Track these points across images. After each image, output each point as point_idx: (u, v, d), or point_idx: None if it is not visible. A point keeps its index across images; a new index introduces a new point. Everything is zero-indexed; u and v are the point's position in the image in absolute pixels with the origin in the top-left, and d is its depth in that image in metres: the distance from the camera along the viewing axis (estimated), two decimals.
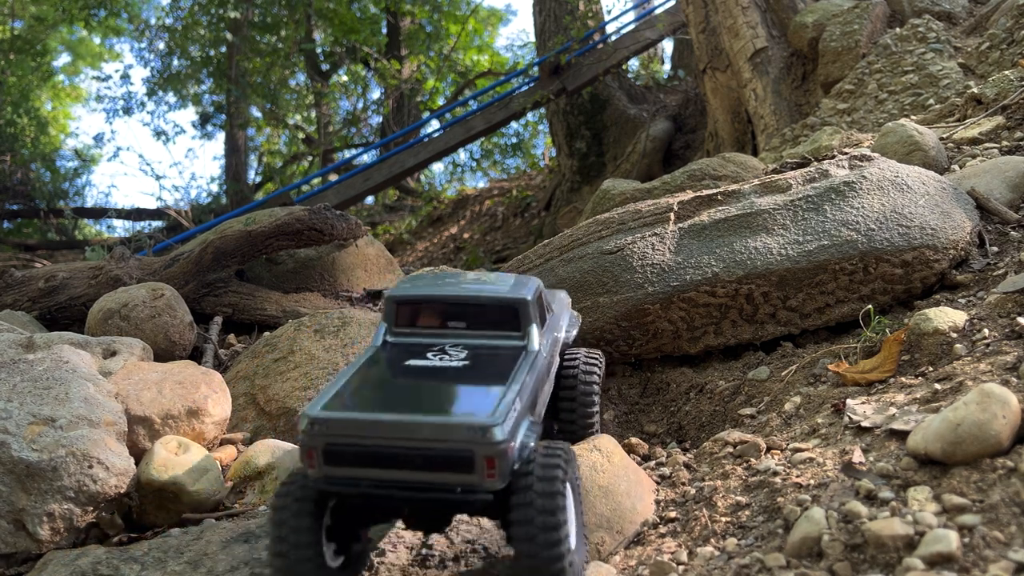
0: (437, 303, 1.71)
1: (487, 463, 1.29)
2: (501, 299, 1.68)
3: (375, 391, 1.49)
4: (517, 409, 1.38)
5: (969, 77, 4.44)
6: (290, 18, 15.46)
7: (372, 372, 1.56)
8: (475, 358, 1.59)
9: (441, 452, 1.30)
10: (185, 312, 3.01)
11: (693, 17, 7.26)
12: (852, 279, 2.33)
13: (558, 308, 2.02)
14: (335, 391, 1.45)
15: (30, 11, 17.54)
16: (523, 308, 1.66)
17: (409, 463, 1.32)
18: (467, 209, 14.00)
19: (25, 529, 1.74)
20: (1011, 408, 1.41)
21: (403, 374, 1.56)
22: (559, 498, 1.30)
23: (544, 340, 1.72)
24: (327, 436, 1.34)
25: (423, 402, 1.46)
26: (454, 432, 1.30)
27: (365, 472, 1.35)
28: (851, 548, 1.33)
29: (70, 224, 16.70)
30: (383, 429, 1.32)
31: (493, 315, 1.67)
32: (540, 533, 1.28)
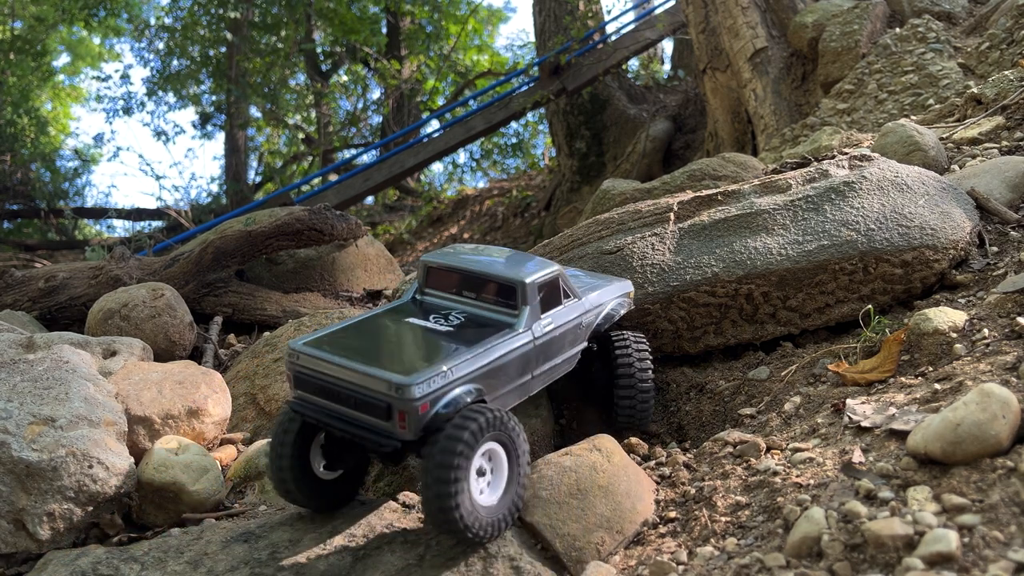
0: (457, 272, 1.96)
1: (400, 416, 1.54)
2: (503, 278, 1.89)
3: (354, 338, 1.77)
4: (453, 375, 1.61)
5: (969, 77, 4.44)
6: (290, 18, 15.45)
7: (374, 322, 1.87)
8: (464, 325, 1.83)
9: (368, 398, 1.58)
10: (185, 312, 3.01)
11: (693, 17, 7.26)
12: (852, 279, 2.33)
13: (600, 295, 2.14)
14: (326, 332, 1.78)
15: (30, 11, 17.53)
16: (521, 288, 1.85)
17: (347, 401, 1.61)
18: (467, 209, 14.00)
19: (25, 529, 1.74)
20: (1011, 408, 1.41)
21: (396, 329, 1.83)
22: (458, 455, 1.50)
23: (545, 322, 1.90)
24: (296, 365, 1.68)
25: (382, 355, 1.70)
26: (378, 384, 1.56)
27: (319, 400, 1.66)
28: (851, 548, 1.33)
29: (70, 224, 16.69)
30: (332, 369, 1.63)
31: (495, 290, 1.90)
32: (433, 485, 1.49)
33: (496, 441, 1.61)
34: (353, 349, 1.70)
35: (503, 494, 1.64)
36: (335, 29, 16.14)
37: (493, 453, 1.62)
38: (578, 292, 2.06)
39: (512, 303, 1.86)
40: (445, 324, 1.84)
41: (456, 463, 1.50)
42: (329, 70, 17.63)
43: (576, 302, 2.03)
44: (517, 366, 1.81)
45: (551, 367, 1.95)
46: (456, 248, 2.08)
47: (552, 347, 1.93)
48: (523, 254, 2.10)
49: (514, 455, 1.65)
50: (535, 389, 1.92)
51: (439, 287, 1.99)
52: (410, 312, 1.92)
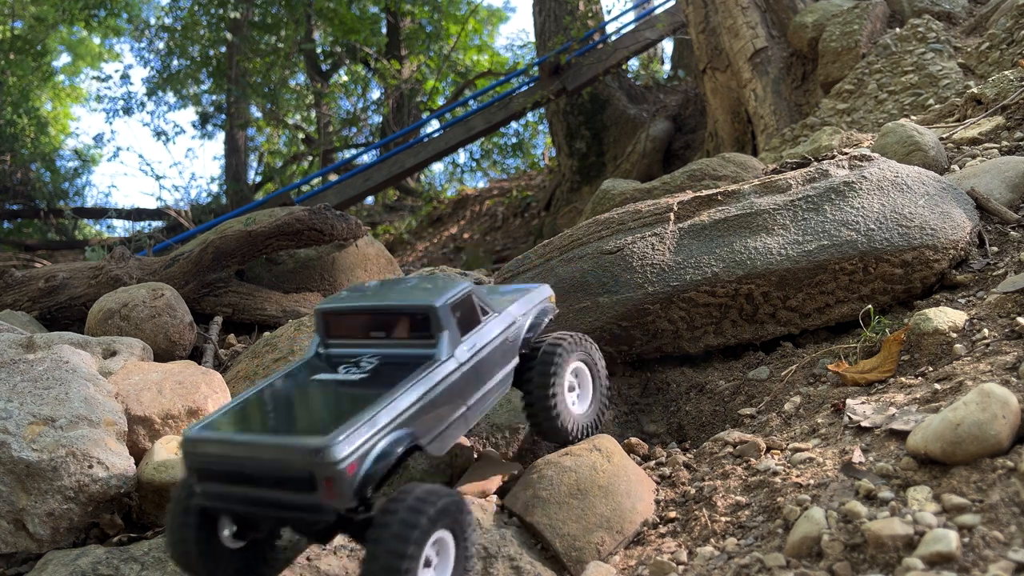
0: (359, 314, 1.75)
1: (326, 483, 1.32)
2: (411, 307, 1.69)
3: (256, 410, 1.56)
4: (378, 424, 1.42)
5: (969, 77, 4.44)
6: (290, 18, 15.45)
7: (276, 388, 1.64)
8: (378, 370, 1.63)
9: (286, 472, 1.36)
10: (185, 312, 3.01)
11: (693, 17, 7.26)
12: (852, 279, 2.33)
13: (520, 305, 1.95)
14: (222, 411, 1.56)
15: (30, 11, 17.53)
16: (432, 314, 1.65)
17: (263, 482, 1.38)
18: (467, 209, 14.00)
19: (25, 529, 1.74)
20: (1011, 408, 1.41)
21: (302, 390, 1.62)
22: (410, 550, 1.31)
23: (468, 345, 1.70)
24: (196, 456, 1.46)
25: (292, 421, 1.54)
26: (294, 453, 1.35)
27: (231, 489, 1.43)
28: (851, 548, 1.33)
29: (70, 224, 16.69)
30: (239, 450, 1.41)
31: (406, 323, 1.69)
32: None
33: (447, 530, 1.43)
34: (258, 422, 1.53)
35: None
36: (335, 29, 16.14)
37: (441, 542, 1.44)
38: (496, 307, 1.87)
39: (427, 333, 1.66)
40: (358, 372, 1.63)
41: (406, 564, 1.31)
42: (329, 70, 17.63)
43: (496, 317, 1.84)
44: (449, 399, 1.62)
45: (486, 392, 1.75)
46: (353, 289, 1.89)
47: (482, 370, 1.74)
48: (428, 278, 1.94)
49: (462, 546, 1.48)
50: (475, 420, 1.72)
51: (343, 335, 1.77)
52: (316, 368, 1.70)
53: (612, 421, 2.42)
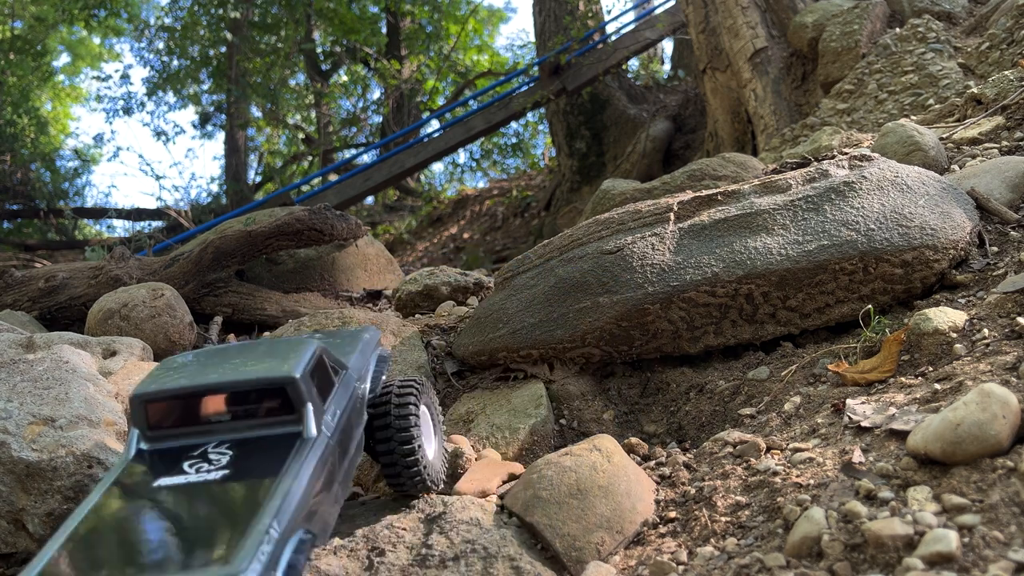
0: (192, 396, 1.43)
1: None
2: (265, 380, 1.41)
3: (100, 550, 1.19)
4: (278, 530, 1.18)
5: (969, 77, 4.44)
6: (290, 18, 15.45)
7: (109, 508, 1.27)
8: (238, 461, 1.35)
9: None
10: (185, 312, 3.01)
11: (693, 17, 7.26)
12: (852, 279, 2.33)
13: (359, 358, 1.77)
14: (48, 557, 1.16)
15: (30, 11, 17.53)
16: (293, 388, 1.40)
17: None
18: (467, 209, 14.00)
19: (25, 529, 1.74)
20: (1011, 408, 1.41)
21: (148, 506, 1.28)
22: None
23: (330, 413, 1.49)
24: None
25: (157, 560, 1.16)
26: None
27: None
28: (851, 548, 1.33)
29: (70, 224, 16.69)
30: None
31: (257, 400, 1.42)
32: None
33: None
34: (118, 559, 1.16)
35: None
36: (335, 29, 16.14)
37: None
38: (343, 362, 1.67)
39: (286, 408, 1.41)
40: (213, 468, 1.33)
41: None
42: (329, 70, 17.63)
43: (346, 374, 1.65)
44: (328, 481, 1.42)
45: (349, 463, 1.56)
46: (168, 367, 1.53)
47: (345, 439, 1.54)
48: (262, 342, 1.68)
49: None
50: (344, 498, 1.52)
51: (173, 424, 1.43)
52: (151, 471, 1.35)
53: (612, 421, 2.42)
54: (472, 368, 2.69)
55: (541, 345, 2.50)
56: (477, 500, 1.84)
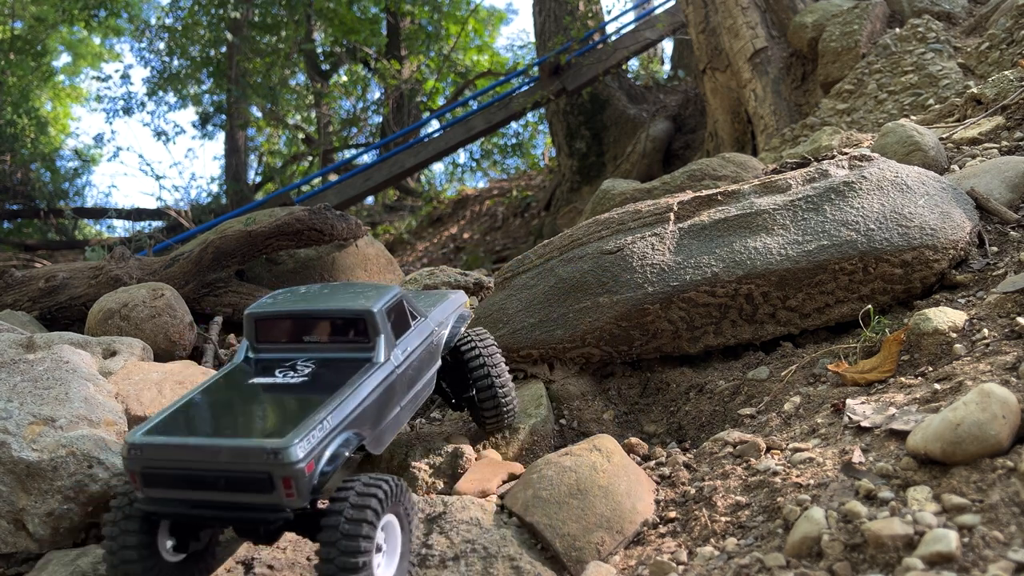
0: (292, 318, 1.76)
1: (284, 483, 1.36)
2: (348, 311, 1.72)
3: (200, 414, 1.56)
4: (330, 425, 1.46)
5: (969, 77, 4.44)
6: (290, 18, 15.45)
7: (213, 393, 1.64)
8: (317, 373, 1.66)
9: (241, 474, 1.38)
10: (185, 312, 3.01)
11: (693, 17, 7.26)
12: (852, 279, 2.33)
13: (441, 310, 2.06)
14: (163, 415, 1.54)
15: (30, 11, 17.53)
16: (370, 319, 1.70)
17: (215, 485, 1.40)
18: (467, 209, 14.01)
19: (25, 529, 1.74)
20: (1011, 408, 1.41)
21: (241, 394, 1.62)
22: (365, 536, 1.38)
23: (401, 348, 1.76)
24: (143, 461, 1.43)
25: (242, 424, 1.54)
26: (250, 455, 1.37)
27: (179, 494, 1.43)
28: (851, 548, 1.33)
29: (70, 224, 16.69)
30: (189, 453, 1.41)
31: (342, 328, 1.73)
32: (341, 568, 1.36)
33: (393, 514, 1.50)
34: (206, 426, 1.53)
35: (397, 569, 1.51)
36: (335, 29, 16.14)
37: (389, 526, 1.50)
38: (423, 311, 1.95)
39: (363, 337, 1.71)
40: (296, 376, 1.66)
41: (364, 547, 1.38)
42: (329, 70, 17.63)
43: (424, 321, 1.93)
44: (386, 401, 1.67)
45: (415, 395, 1.82)
46: (281, 294, 1.90)
47: (413, 372, 1.80)
48: (357, 283, 1.95)
49: (407, 528, 1.55)
50: (407, 419, 1.79)
51: (274, 339, 1.78)
52: (250, 373, 1.71)
53: (612, 421, 2.42)
54: None
55: (541, 345, 2.50)
56: (477, 500, 1.84)
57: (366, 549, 1.38)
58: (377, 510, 1.42)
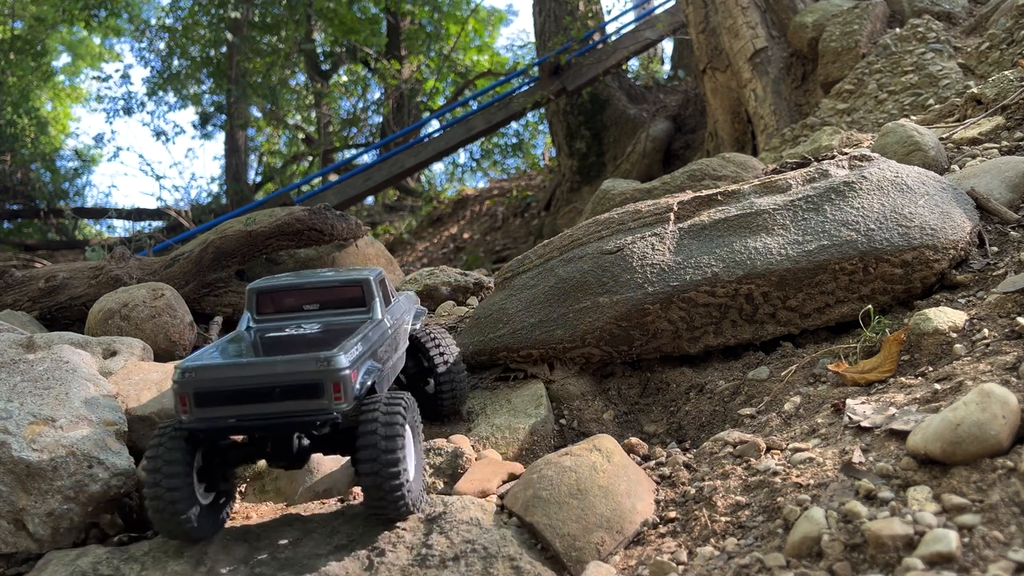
0: (292, 290, 1.99)
1: (334, 388, 1.58)
2: (346, 279, 1.97)
3: (241, 347, 1.79)
4: (359, 349, 1.69)
5: (969, 77, 4.44)
6: (290, 18, 15.44)
7: (236, 341, 1.84)
8: (325, 328, 1.87)
9: (295, 382, 1.58)
10: (185, 312, 3.01)
11: (693, 17, 7.26)
12: (852, 279, 2.33)
13: (406, 302, 2.29)
14: (203, 352, 1.74)
15: (30, 11, 17.52)
16: (367, 285, 1.97)
17: (268, 396, 1.58)
18: (467, 209, 14.00)
19: (25, 529, 1.74)
20: (1011, 408, 1.41)
21: (264, 340, 1.84)
22: (399, 435, 1.60)
23: (389, 315, 2.00)
24: (196, 383, 1.60)
25: (279, 352, 1.71)
26: (303, 364, 1.58)
27: (231, 410, 1.60)
28: (851, 548, 1.33)
29: (70, 224, 16.69)
30: (244, 370, 1.59)
31: (341, 294, 1.97)
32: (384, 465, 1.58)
33: (409, 424, 1.71)
34: (250, 353, 1.71)
35: (415, 473, 1.73)
36: (335, 29, 16.14)
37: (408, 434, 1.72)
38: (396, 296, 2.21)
39: (359, 304, 1.96)
40: (308, 329, 1.86)
41: (400, 444, 1.59)
42: (329, 70, 17.63)
43: (399, 300, 2.21)
44: (387, 350, 1.91)
45: (394, 362, 2.01)
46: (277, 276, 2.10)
47: (393, 343, 2.00)
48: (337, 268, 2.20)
49: (417, 437, 1.78)
50: (390, 381, 1.96)
51: (275, 310, 1.99)
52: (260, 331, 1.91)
53: (612, 421, 2.42)
54: (472, 368, 2.69)
55: (541, 345, 2.50)
56: (477, 500, 1.84)
57: (402, 452, 1.61)
58: (404, 416, 1.66)
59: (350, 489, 2.04)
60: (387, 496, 1.62)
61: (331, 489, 2.05)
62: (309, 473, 2.09)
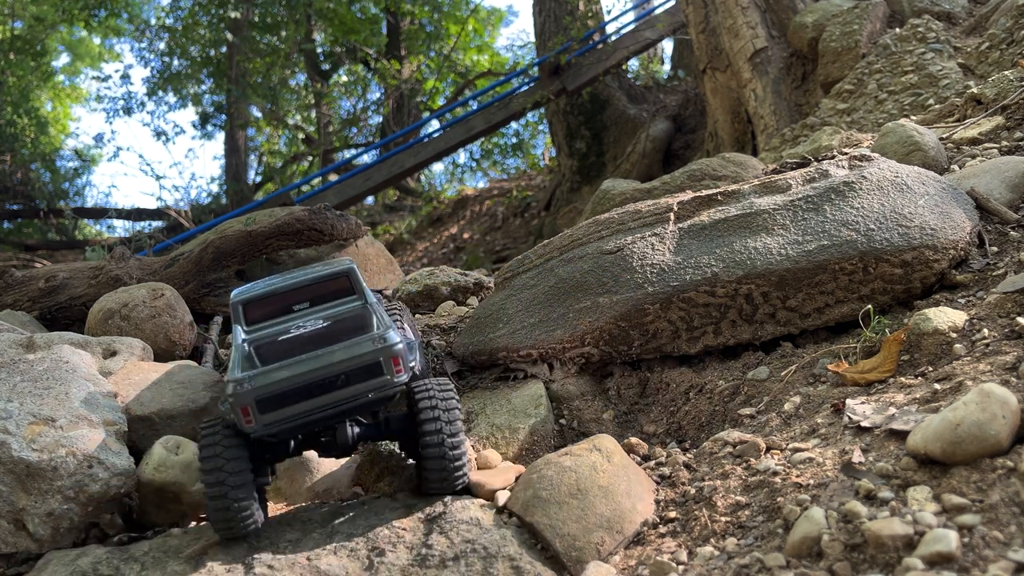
0: (278, 294, 1.96)
1: (393, 362, 1.68)
2: (331, 272, 1.98)
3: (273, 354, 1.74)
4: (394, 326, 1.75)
5: (969, 77, 4.44)
6: (290, 18, 15.44)
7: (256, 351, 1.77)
8: (331, 320, 1.87)
9: (355, 367, 1.65)
10: (185, 312, 3.01)
11: (693, 17, 7.26)
12: (852, 279, 2.33)
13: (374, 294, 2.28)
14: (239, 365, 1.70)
15: (30, 11, 17.52)
16: (352, 274, 1.98)
17: (331, 386, 1.65)
18: (467, 209, 14.00)
19: (25, 529, 1.74)
20: (1011, 408, 1.41)
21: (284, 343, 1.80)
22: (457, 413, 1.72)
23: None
24: (256, 390, 1.62)
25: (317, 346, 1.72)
26: (360, 347, 1.66)
27: (297, 408, 1.64)
28: (851, 548, 1.33)
29: (70, 224, 16.70)
30: (304, 366, 1.64)
31: (328, 287, 1.97)
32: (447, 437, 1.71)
33: None
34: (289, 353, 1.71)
35: None
36: (335, 29, 16.14)
37: None
38: None
39: (348, 293, 1.97)
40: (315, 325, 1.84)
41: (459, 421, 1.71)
42: (329, 70, 17.63)
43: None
44: None
45: None
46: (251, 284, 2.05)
47: None
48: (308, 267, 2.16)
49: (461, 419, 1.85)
50: None
51: (264, 316, 1.95)
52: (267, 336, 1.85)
53: (612, 421, 2.42)
54: (472, 368, 2.69)
55: (541, 345, 2.50)
56: (477, 500, 1.84)
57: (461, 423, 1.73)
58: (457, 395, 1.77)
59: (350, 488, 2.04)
60: (452, 470, 1.72)
61: (331, 489, 2.05)
62: (309, 473, 2.09)
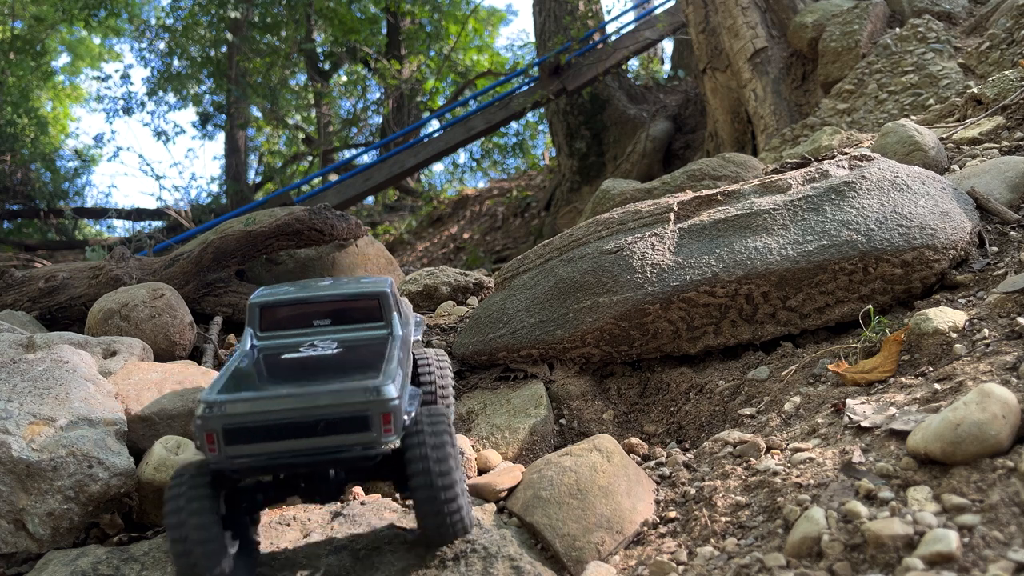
0: (300, 304, 1.80)
1: (383, 419, 1.42)
2: (362, 293, 1.80)
3: (263, 376, 1.58)
4: (400, 374, 1.54)
5: (969, 77, 4.44)
6: (290, 18, 15.45)
7: (251, 366, 1.63)
8: (345, 347, 1.71)
9: (339, 415, 1.40)
10: (185, 312, 3.01)
11: (693, 17, 7.25)
12: (852, 279, 2.33)
13: (406, 311, 2.12)
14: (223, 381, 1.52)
15: (30, 11, 17.52)
16: (384, 299, 1.80)
17: (309, 431, 1.40)
18: (467, 209, 14.00)
19: (25, 529, 1.74)
20: (1011, 408, 1.41)
21: (283, 364, 1.64)
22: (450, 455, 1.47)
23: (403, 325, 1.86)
24: (225, 418, 1.40)
25: (311, 378, 1.51)
26: (350, 395, 1.41)
27: (266, 447, 1.41)
28: (851, 548, 1.33)
29: (70, 224, 16.70)
30: (282, 403, 1.40)
31: (356, 308, 1.80)
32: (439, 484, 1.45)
33: None
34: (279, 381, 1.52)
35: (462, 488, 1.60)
36: (335, 29, 16.14)
37: None
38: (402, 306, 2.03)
39: (375, 318, 1.79)
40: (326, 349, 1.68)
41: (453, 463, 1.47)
42: (329, 70, 17.63)
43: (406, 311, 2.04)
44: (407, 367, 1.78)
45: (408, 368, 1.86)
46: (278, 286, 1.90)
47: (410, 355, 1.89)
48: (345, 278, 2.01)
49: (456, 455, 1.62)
50: None
51: (282, 327, 1.79)
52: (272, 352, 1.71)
53: (612, 421, 2.42)
54: (472, 368, 2.69)
55: (541, 345, 2.50)
56: (476, 500, 1.84)
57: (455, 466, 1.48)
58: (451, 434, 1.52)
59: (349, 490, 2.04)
60: (445, 518, 1.48)
61: None
62: None
